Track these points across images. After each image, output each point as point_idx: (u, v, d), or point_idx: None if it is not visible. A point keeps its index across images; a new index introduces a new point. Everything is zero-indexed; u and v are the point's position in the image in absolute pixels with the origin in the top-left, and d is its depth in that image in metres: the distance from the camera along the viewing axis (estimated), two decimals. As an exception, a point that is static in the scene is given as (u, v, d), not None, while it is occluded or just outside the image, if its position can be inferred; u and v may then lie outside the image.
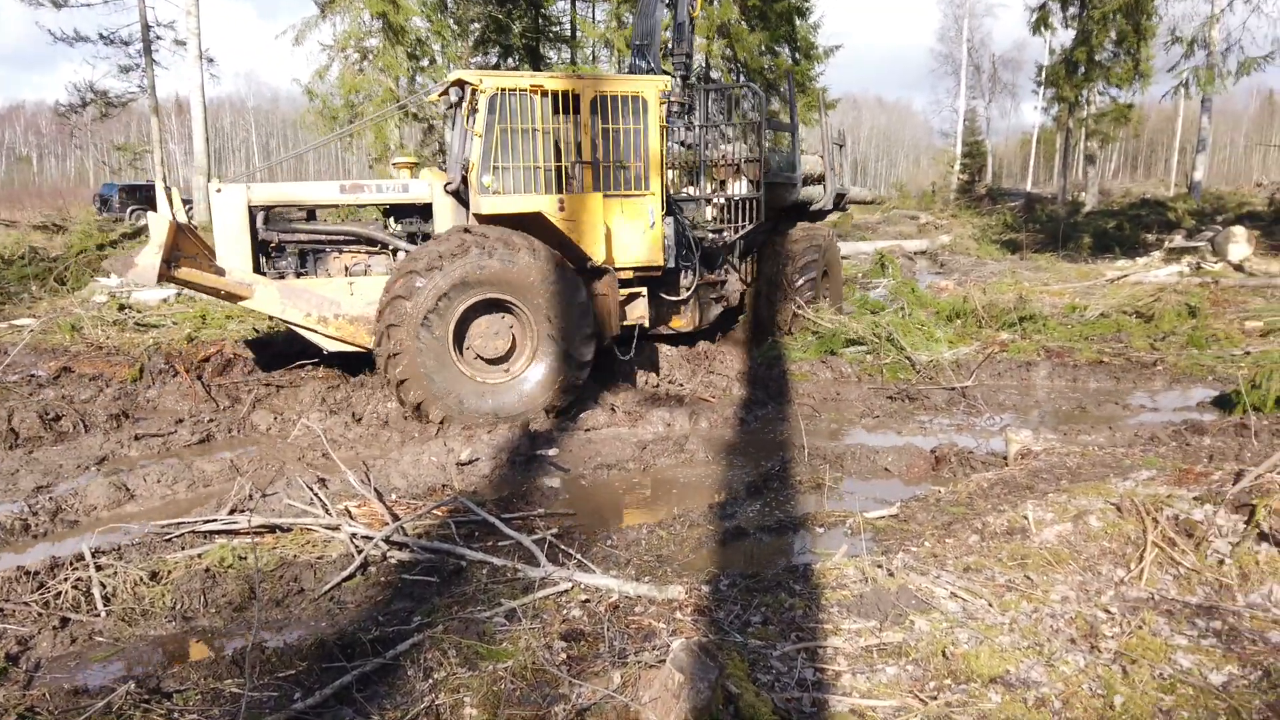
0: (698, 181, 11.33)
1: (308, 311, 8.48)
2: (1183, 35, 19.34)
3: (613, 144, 9.17)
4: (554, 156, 9.02)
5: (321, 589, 4.73)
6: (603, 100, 9.05)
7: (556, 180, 8.99)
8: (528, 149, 8.75)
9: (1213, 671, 3.82)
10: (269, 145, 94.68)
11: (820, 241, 11.66)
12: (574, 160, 9.11)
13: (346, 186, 9.07)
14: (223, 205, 8.59)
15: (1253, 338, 11.16)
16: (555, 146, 9.15)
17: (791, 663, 3.93)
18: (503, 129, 8.60)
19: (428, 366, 7.92)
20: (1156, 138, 69.04)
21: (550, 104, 8.86)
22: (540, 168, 8.81)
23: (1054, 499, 5.32)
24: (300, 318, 8.49)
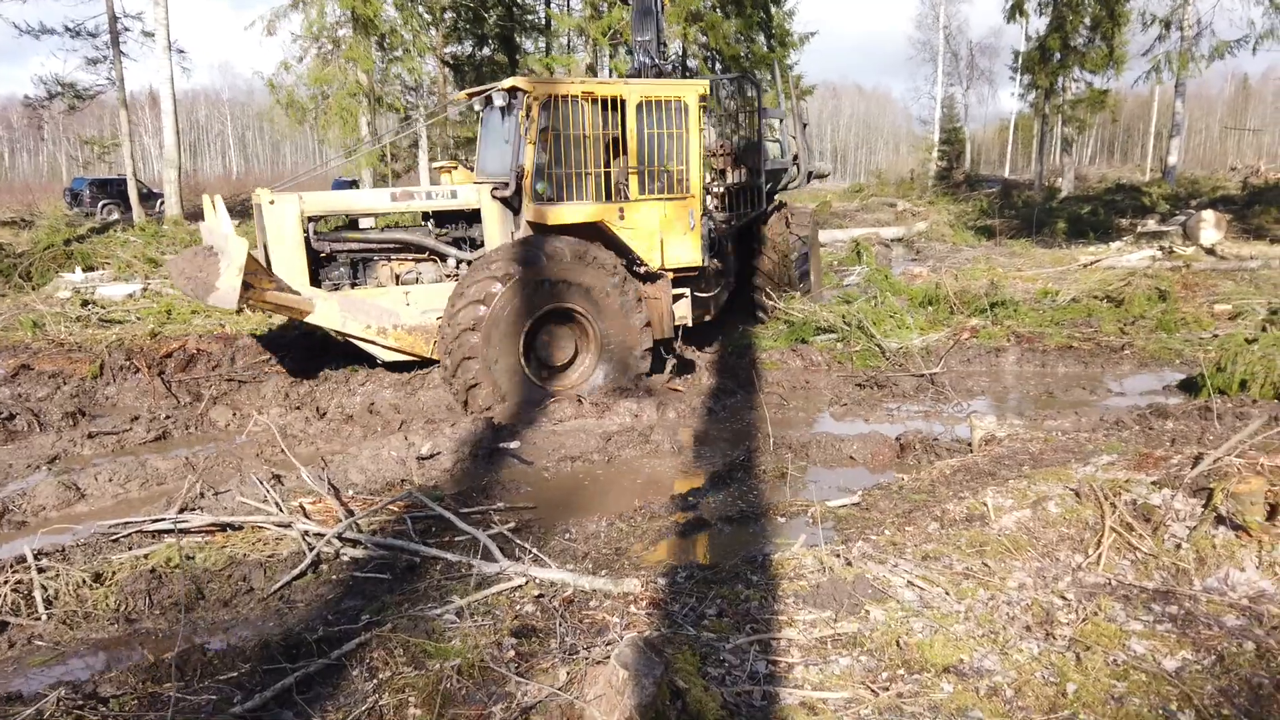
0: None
1: (367, 323, 8.33)
2: (1156, 18, 19.35)
3: (657, 148, 9.31)
4: (603, 163, 9.11)
5: (271, 588, 4.64)
6: (648, 105, 9.18)
7: (605, 187, 9.12)
8: (579, 155, 8.87)
9: (1166, 657, 3.80)
10: (245, 138, 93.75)
11: (807, 225, 12.02)
12: (622, 166, 9.18)
13: (397, 194, 8.84)
14: (276, 217, 8.17)
15: (1221, 321, 11.21)
16: (605, 152, 9.19)
17: (744, 655, 3.88)
18: (555, 135, 8.68)
19: (498, 372, 8.03)
20: (1133, 123, 69.46)
21: (599, 110, 8.95)
22: (591, 174, 8.97)
23: (1014, 485, 5.29)
24: (360, 330, 8.32)
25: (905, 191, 40.50)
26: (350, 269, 8.85)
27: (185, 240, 22.34)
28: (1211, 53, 16.76)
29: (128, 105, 30.21)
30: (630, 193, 9.15)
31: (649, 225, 9.25)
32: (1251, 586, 4.33)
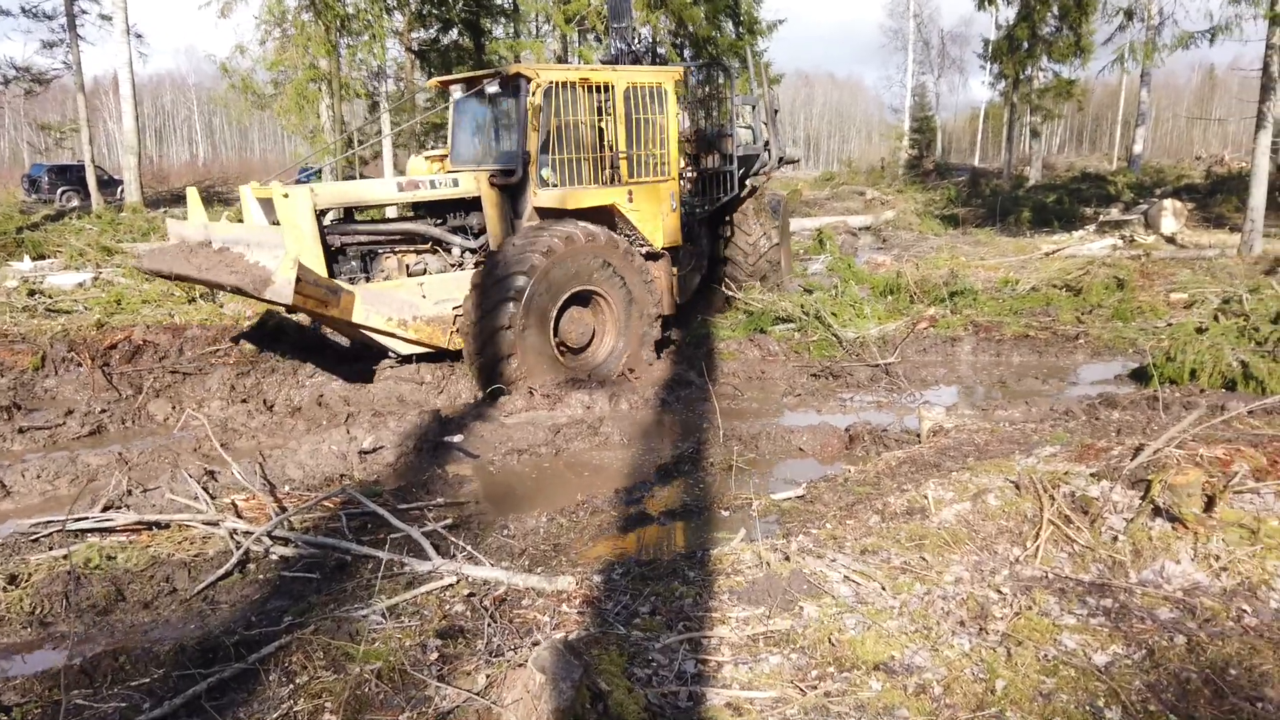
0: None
1: (389, 316, 8.13)
2: (1118, 9, 19.41)
3: (642, 133, 9.61)
4: (597, 148, 9.33)
5: (194, 589, 4.51)
6: (633, 91, 9.46)
7: (598, 171, 9.34)
8: (577, 141, 9.08)
9: (1097, 652, 3.77)
10: (212, 123, 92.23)
11: (779, 212, 12.49)
12: (614, 151, 9.42)
13: (404, 184, 8.71)
14: (291, 210, 7.79)
15: (1176, 309, 11.28)
16: (600, 138, 9.41)
17: (673, 655, 3.81)
18: (556, 123, 8.84)
19: (527, 348, 8.16)
20: (1101, 112, 70.00)
21: (592, 96, 9.16)
22: (588, 159, 9.20)
23: (957, 477, 5.25)
24: (383, 323, 8.10)
25: (875, 180, 40.59)
26: (360, 262, 8.67)
27: (143, 228, 21.94)
28: (1174, 43, 16.79)
29: (85, 90, 29.58)
30: (621, 176, 9.39)
31: (650, 208, 9.64)
32: (1186, 579, 4.31)
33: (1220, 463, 5.07)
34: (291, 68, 20.10)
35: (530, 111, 8.70)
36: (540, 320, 8.25)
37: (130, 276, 13.99)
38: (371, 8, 19.64)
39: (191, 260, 7.53)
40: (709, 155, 11.80)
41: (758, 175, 12.54)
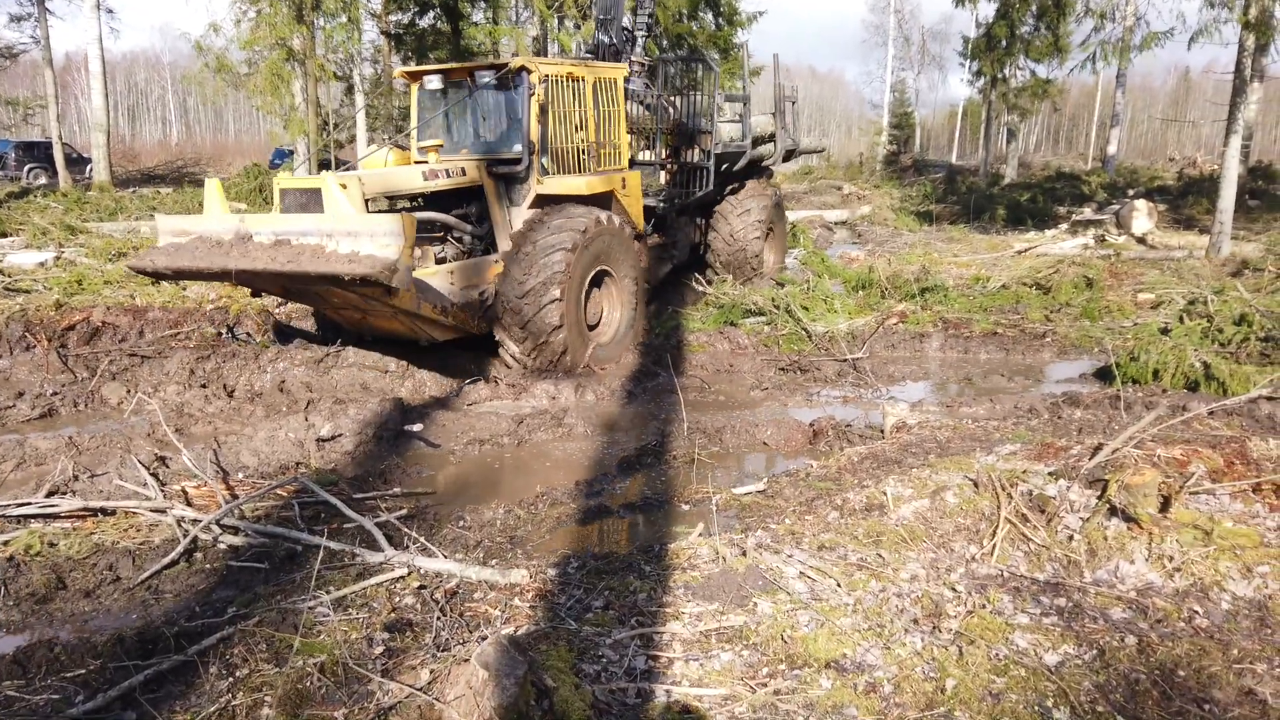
0: (654, 147, 11.79)
1: (434, 304, 8.03)
2: (1095, 8, 19.51)
3: (605, 124, 10.04)
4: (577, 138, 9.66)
5: (138, 578, 4.41)
6: (599, 84, 9.89)
7: (580, 160, 9.65)
8: (565, 131, 9.44)
9: (1048, 651, 3.76)
10: (186, 103, 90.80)
11: (769, 201, 12.85)
12: (590, 140, 9.78)
13: (427, 174, 8.65)
14: (347, 198, 7.64)
15: (1144, 309, 11.35)
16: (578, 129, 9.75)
17: (624, 651, 3.76)
18: (548, 113, 9.17)
19: (570, 331, 8.49)
20: (1078, 113, 70.51)
21: (575, 89, 9.53)
22: (572, 148, 9.54)
23: (917, 474, 5.24)
24: (430, 311, 7.97)
25: (853, 175, 40.70)
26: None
27: (110, 208, 21.56)
28: (1142, 43, 16.93)
29: (54, 65, 28.99)
30: (596, 165, 9.81)
31: (634, 193, 10.25)
32: (1140, 579, 4.32)
33: (1177, 463, 5.09)
34: (266, 47, 19.78)
35: (534, 103, 8.98)
36: (576, 297, 8.65)
37: (93, 256, 13.74)
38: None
39: (248, 255, 7.14)
40: (689, 150, 11.90)
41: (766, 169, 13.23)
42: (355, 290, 7.06)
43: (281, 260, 6.96)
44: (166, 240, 7.79)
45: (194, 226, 7.73)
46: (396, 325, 8.30)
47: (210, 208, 7.98)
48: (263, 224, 7.43)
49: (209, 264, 7.22)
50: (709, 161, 11.64)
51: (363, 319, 8.47)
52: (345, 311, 8.39)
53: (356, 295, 7.38)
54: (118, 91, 77.86)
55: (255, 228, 7.38)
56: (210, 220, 7.71)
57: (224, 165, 41.12)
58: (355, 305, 7.92)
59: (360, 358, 8.47)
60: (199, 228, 7.66)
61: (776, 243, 13.70)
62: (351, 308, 8.11)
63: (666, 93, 11.88)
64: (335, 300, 7.95)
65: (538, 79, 8.97)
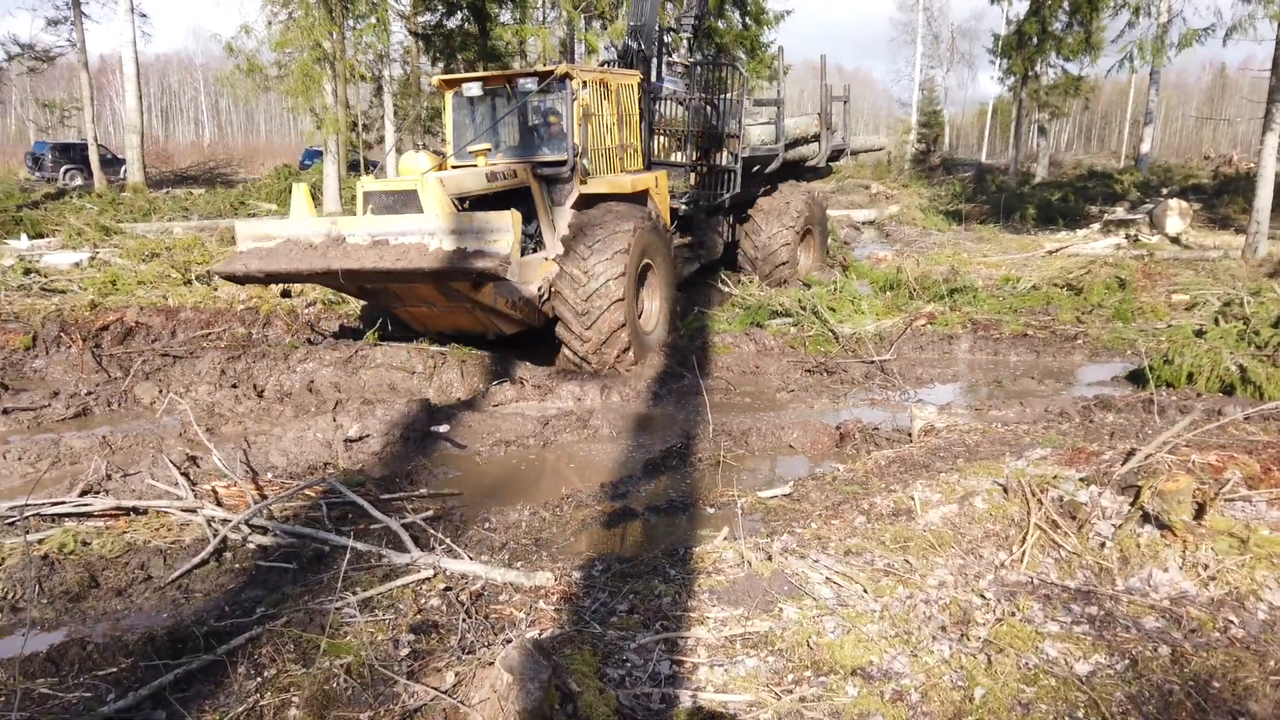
0: (685, 149, 11.99)
1: (507, 298, 8.28)
2: (1127, 4, 19.20)
3: (628, 126, 10.54)
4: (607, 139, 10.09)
5: (169, 577, 4.46)
6: (620, 90, 10.33)
7: (607, 161, 10.06)
8: (600, 133, 9.88)
9: (1079, 661, 3.71)
10: (218, 104, 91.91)
11: (804, 203, 12.95)
12: (619, 142, 10.26)
13: (489, 175, 8.89)
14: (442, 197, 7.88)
15: (1178, 311, 11.16)
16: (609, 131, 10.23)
17: (648, 655, 3.75)
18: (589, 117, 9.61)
19: (630, 331, 8.72)
20: (1110, 110, 69.55)
21: (606, 93, 10.00)
22: (605, 150, 9.97)
23: (945, 479, 5.18)
24: (505, 306, 8.26)
25: (881, 174, 40.40)
26: None
27: (144, 208, 21.88)
28: (1180, 41, 16.63)
29: (89, 68, 29.47)
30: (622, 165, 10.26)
31: (665, 191, 10.80)
32: (1173, 587, 4.25)
33: (1212, 469, 5.00)
34: (297, 49, 19.98)
35: (577, 107, 9.36)
36: (633, 295, 8.94)
37: (127, 257, 13.95)
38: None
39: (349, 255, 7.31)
40: (716, 152, 12.06)
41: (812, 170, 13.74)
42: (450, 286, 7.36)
43: (390, 259, 7.14)
44: (248, 245, 7.91)
45: (279, 230, 7.89)
46: (469, 321, 8.54)
47: (297, 211, 8.16)
48: (357, 226, 7.59)
49: (308, 265, 7.37)
50: (736, 164, 11.75)
51: (435, 317, 8.66)
52: (418, 309, 8.54)
53: (442, 292, 7.65)
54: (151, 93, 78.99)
55: (348, 230, 7.55)
56: (299, 224, 7.87)
57: (255, 166, 41.60)
58: (434, 302, 8.11)
59: (388, 358, 8.53)
60: (286, 231, 7.82)
61: (815, 244, 13.81)
62: (428, 304, 8.28)
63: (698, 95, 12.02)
64: (416, 297, 8.15)
65: (579, 85, 9.31)
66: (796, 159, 13.44)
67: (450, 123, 10.10)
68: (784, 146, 12.74)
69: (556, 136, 9.72)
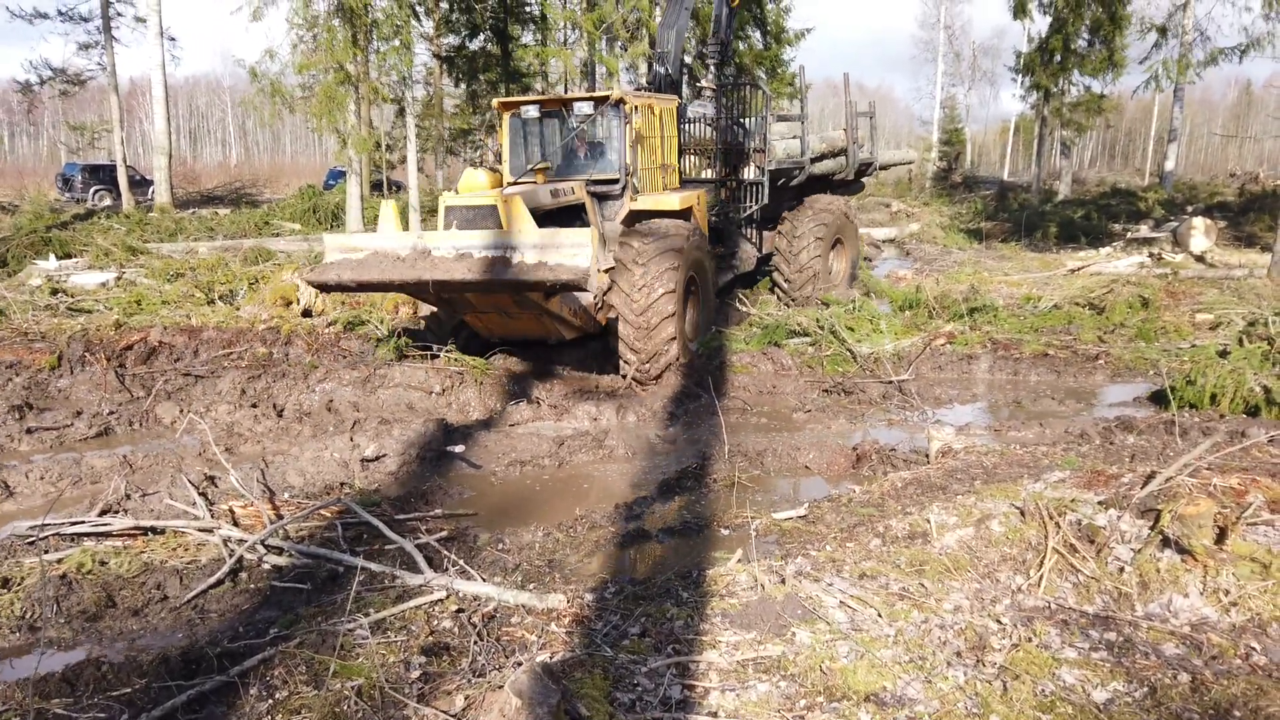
0: (715, 165, 12.57)
1: (570, 307, 8.84)
2: (1154, 23, 19.11)
3: (670, 147, 11.27)
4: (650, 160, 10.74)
5: (185, 597, 4.49)
6: (663, 113, 11.03)
7: (651, 180, 10.65)
8: (646, 155, 10.52)
9: (1097, 688, 3.65)
10: (245, 125, 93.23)
11: (833, 215, 13.30)
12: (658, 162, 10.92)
13: (553, 192, 9.46)
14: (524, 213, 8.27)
15: (1201, 330, 11.03)
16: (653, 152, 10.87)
17: (660, 679, 3.73)
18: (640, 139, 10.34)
19: (680, 343, 9.26)
20: (1134, 128, 69.10)
21: (652, 118, 10.66)
22: (649, 170, 10.59)
23: (961, 501, 5.13)
24: (566, 314, 8.81)
25: (902, 192, 40.29)
26: None
27: (170, 229, 22.18)
28: (1205, 59, 16.55)
29: (119, 91, 30.01)
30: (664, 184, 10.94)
31: (704, 208, 11.43)
32: (1194, 613, 4.18)
33: (1234, 493, 4.92)
34: (322, 71, 20.29)
35: (630, 130, 10.08)
36: (682, 310, 9.45)
37: (152, 277, 14.14)
38: (399, 13, 19.72)
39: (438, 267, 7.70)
40: (744, 167, 12.66)
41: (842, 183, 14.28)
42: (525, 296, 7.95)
43: (478, 271, 7.62)
44: (335, 257, 8.35)
45: (366, 243, 8.33)
46: (535, 327, 9.13)
47: (385, 225, 8.71)
48: (441, 240, 8.01)
49: (398, 276, 7.82)
50: (764, 178, 12.32)
51: (505, 323, 9.21)
52: (489, 316, 9.11)
53: (517, 302, 8.28)
54: (179, 115, 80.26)
55: (434, 243, 7.97)
56: (386, 237, 8.34)
57: (281, 186, 42.11)
58: (507, 310, 8.73)
59: (406, 378, 8.59)
60: (373, 244, 8.25)
61: (845, 255, 14.18)
62: (500, 312, 8.87)
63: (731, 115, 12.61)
64: (491, 305, 8.70)
65: (632, 109, 10.02)
66: (824, 173, 13.87)
67: (507, 142, 10.62)
68: (809, 160, 13.20)
69: (606, 156, 10.36)
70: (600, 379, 9.43)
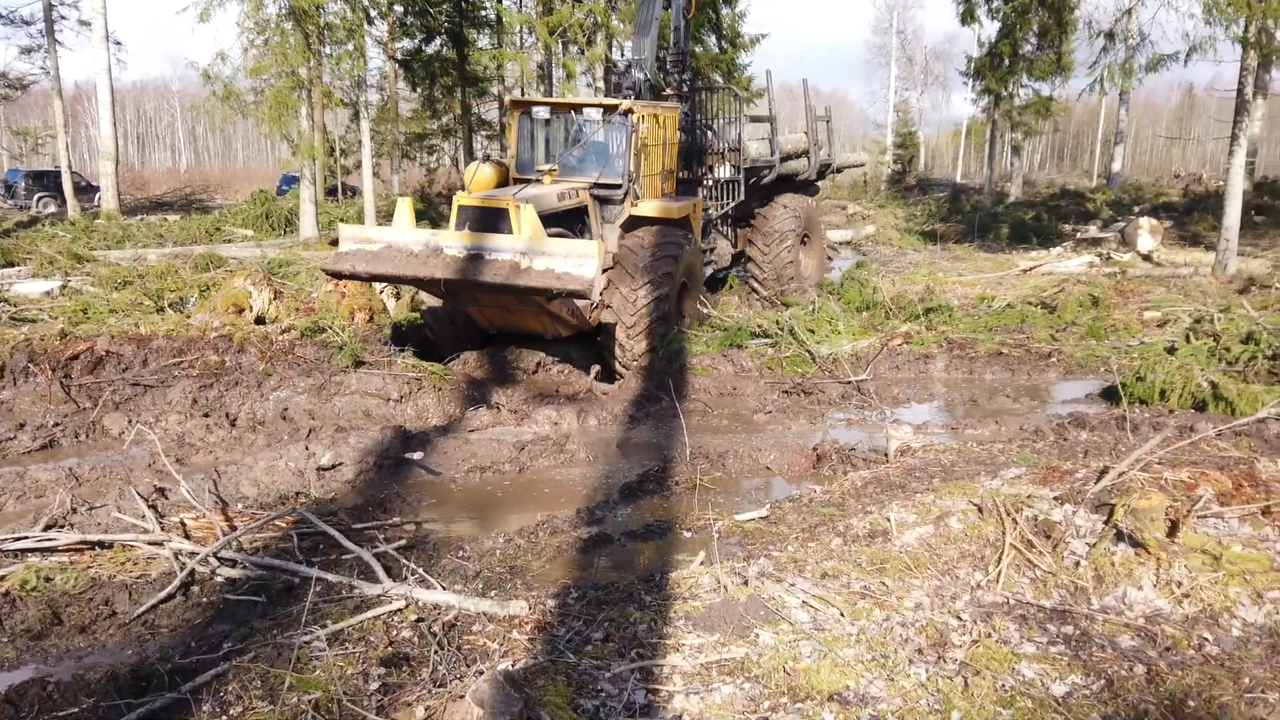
0: (690, 167, 12.98)
1: (568, 307, 9.10)
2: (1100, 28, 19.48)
3: (669, 154, 11.75)
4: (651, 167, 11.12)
5: (135, 612, 4.37)
6: (666, 122, 11.49)
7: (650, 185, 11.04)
8: (647, 162, 10.89)
9: (1056, 682, 3.69)
10: (195, 130, 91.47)
11: (801, 211, 13.96)
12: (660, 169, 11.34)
13: (559, 195, 9.70)
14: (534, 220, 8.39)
15: (1150, 328, 11.28)
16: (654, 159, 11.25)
17: (623, 684, 3.70)
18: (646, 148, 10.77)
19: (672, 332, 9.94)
20: (1082, 130, 70.45)
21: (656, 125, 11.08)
22: (650, 176, 11.00)
23: (920, 500, 5.18)
24: (566, 313, 9.13)
25: (857, 194, 40.71)
26: None
27: (117, 235, 21.67)
28: (1149, 64, 16.94)
29: (64, 95, 29.30)
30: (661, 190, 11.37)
31: (699, 213, 12.07)
32: (1148, 605, 4.25)
33: (1185, 486, 5.02)
34: (274, 75, 19.96)
35: (635, 139, 10.45)
36: (675, 302, 10.08)
37: (99, 285, 13.79)
38: (353, 16, 19.47)
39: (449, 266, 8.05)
40: (720, 166, 13.26)
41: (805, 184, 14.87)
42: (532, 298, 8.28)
43: (490, 273, 7.99)
44: (349, 247, 8.62)
45: (380, 236, 8.61)
46: (535, 324, 9.54)
47: (400, 222, 8.96)
48: (453, 239, 8.31)
49: (411, 271, 8.22)
50: (739, 176, 12.97)
51: (505, 318, 9.61)
52: (491, 310, 9.49)
53: (521, 301, 8.65)
54: (127, 120, 78.43)
55: (446, 242, 8.28)
56: (400, 232, 8.61)
57: (232, 192, 41.38)
58: (509, 306, 9.15)
59: (363, 384, 8.47)
60: (387, 238, 8.53)
61: (814, 250, 14.90)
62: (503, 308, 9.28)
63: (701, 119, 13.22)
64: (495, 302, 9.02)
65: (638, 119, 10.42)
66: (789, 173, 14.43)
67: (515, 139, 11.06)
68: (779, 159, 13.81)
69: (610, 161, 10.73)
70: (559, 382, 9.38)
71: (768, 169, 13.71)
